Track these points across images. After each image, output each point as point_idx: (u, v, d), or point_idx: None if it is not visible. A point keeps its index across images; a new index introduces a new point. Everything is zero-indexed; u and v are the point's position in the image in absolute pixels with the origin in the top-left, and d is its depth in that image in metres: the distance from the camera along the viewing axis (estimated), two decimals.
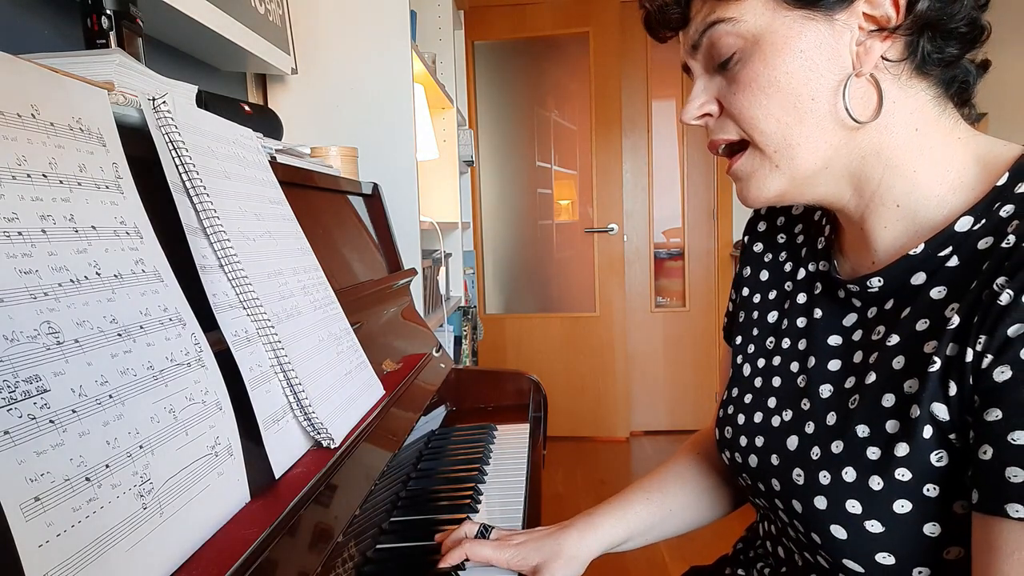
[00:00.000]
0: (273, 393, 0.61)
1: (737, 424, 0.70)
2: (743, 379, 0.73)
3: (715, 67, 0.59)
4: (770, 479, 0.64)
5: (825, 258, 0.67)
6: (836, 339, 0.64)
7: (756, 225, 0.78)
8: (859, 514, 0.55)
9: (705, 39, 0.58)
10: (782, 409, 0.66)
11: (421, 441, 1.11)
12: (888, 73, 0.55)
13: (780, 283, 0.73)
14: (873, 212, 0.60)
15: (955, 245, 0.55)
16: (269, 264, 0.68)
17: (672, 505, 0.81)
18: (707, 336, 3.52)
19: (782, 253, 0.74)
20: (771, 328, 0.72)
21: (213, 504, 0.49)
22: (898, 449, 0.53)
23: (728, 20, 0.56)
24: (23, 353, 0.37)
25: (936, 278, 0.55)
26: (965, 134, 0.58)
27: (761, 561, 0.74)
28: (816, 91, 0.55)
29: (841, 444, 0.57)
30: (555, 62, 3.45)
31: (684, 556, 0.83)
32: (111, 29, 0.75)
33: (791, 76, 0.55)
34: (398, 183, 1.60)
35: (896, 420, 0.54)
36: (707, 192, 3.48)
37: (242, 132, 0.75)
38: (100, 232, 0.46)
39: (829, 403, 0.61)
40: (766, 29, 0.55)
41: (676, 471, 0.84)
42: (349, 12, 1.60)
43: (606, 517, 0.77)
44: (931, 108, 0.57)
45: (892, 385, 0.55)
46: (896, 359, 0.56)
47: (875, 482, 0.54)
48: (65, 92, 0.48)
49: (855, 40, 0.55)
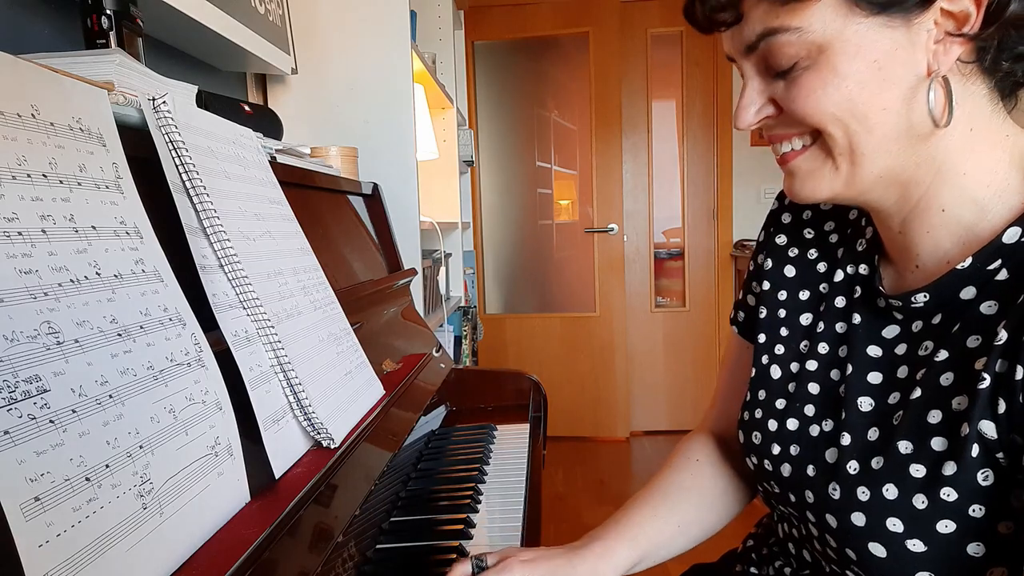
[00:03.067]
0: (273, 393, 0.61)
1: (767, 430, 0.67)
2: (772, 382, 0.69)
3: (773, 73, 0.55)
4: (803, 491, 0.62)
5: (866, 262, 0.65)
6: (876, 350, 0.61)
7: (780, 217, 0.75)
8: (900, 532, 0.53)
9: (763, 44, 0.53)
10: (821, 419, 0.63)
11: (421, 441, 1.11)
12: (958, 74, 0.53)
13: (813, 283, 0.70)
14: (916, 217, 0.57)
15: (1004, 257, 0.52)
16: (269, 264, 0.68)
17: (680, 519, 0.76)
18: (707, 336, 3.52)
19: (812, 251, 0.71)
20: (804, 330, 0.69)
21: (213, 504, 0.49)
22: (946, 468, 0.51)
23: (793, 30, 0.51)
24: (23, 353, 0.37)
25: (986, 292, 0.53)
26: (1012, 131, 0.56)
27: (779, 560, 0.72)
28: (888, 101, 0.52)
29: (882, 460, 0.56)
30: (555, 62, 3.45)
31: (685, 553, 0.83)
32: (111, 29, 0.75)
33: (863, 87, 0.52)
34: (398, 183, 1.60)
35: (943, 438, 0.52)
36: (707, 192, 3.48)
37: (242, 132, 0.75)
38: (100, 232, 0.46)
39: (870, 417, 0.59)
40: (836, 38, 0.51)
41: (678, 482, 0.80)
42: (349, 12, 1.60)
43: (619, 541, 0.72)
44: (985, 104, 0.54)
45: (940, 402, 0.53)
46: (944, 375, 0.54)
47: (919, 500, 0.52)
48: (65, 92, 0.48)
49: (932, 39, 0.51)
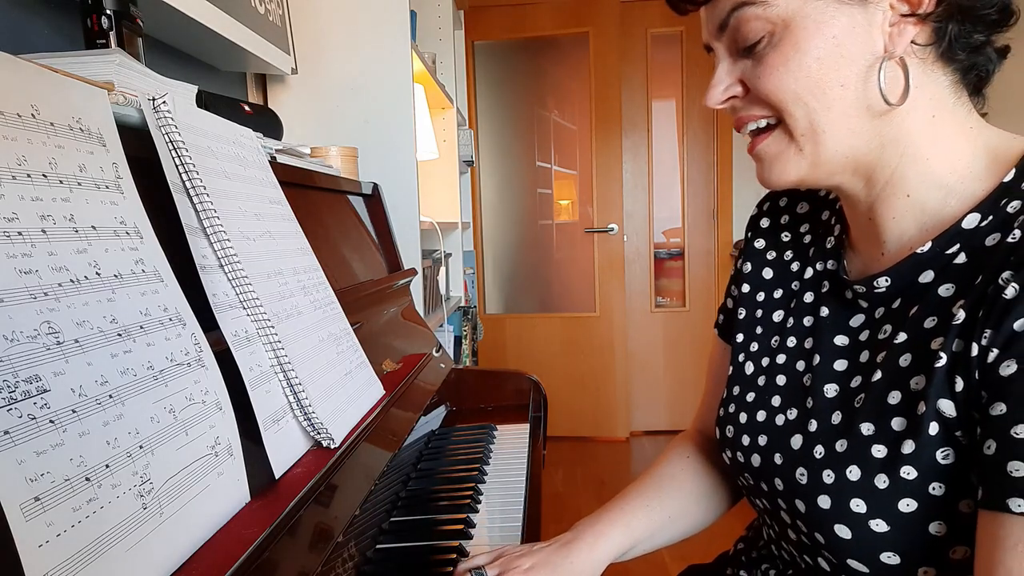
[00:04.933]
0: (273, 393, 0.61)
1: (739, 423, 0.69)
2: (745, 377, 0.72)
3: (741, 50, 0.58)
4: (773, 479, 0.64)
5: (834, 257, 0.67)
6: (842, 339, 0.63)
7: (759, 222, 0.77)
8: (864, 513, 0.54)
9: (733, 19, 0.57)
10: (786, 408, 0.65)
11: (421, 441, 1.11)
12: (915, 57, 0.55)
13: (786, 282, 0.72)
14: (883, 202, 0.59)
15: (962, 242, 0.54)
16: (269, 264, 0.68)
17: (671, 511, 0.79)
18: (707, 336, 3.51)
19: (787, 252, 0.73)
20: (776, 327, 0.71)
21: (213, 504, 0.49)
22: (904, 447, 0.52)
23: (759, 3, 0.55)
24: (23, 353, 0.37)
25: (944, 276, 0.55)
26: (976, 124, 0.57)
27: (766, 563, 0.74)
28: (846, 78, 0.54)
29: (846, 443, 0.57)
30: (555, 62, 3.45)
31: (683, 554, 0.83)
32: (111, 29, 0.75)
33: (822, 63, 0.54)
34: (398, 183, 1.60)
35: (903, 417, 0.53)
36: (707, 192, 3.48)
37: (242, 132, 0.75)
38: (100, 232, 0.46)
39: (834, 402, 0.61)
40: (797, 13, 0.54)
41: (670, 474, 0.82)
42: (349, 12, 1.60)
43: (611, 526, 0.75)
44: (948, 95, 0.56)
45: (899, 383, 0.55)
46: (903, 357, 0.55)
47: (881, 480, 0.53)
48: (65, 92, 0.48)
49: (888, 21, 0.54)
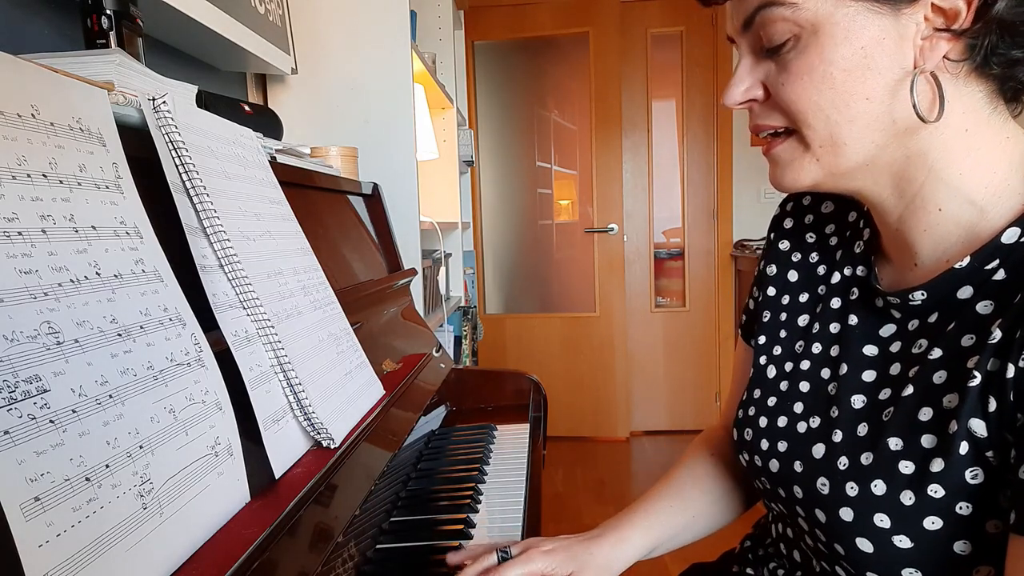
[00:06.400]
0: (273, 393, 0.61)
1: (758, 426, 0.68)
2: (767, 381, 0.70)
3: (765, 51, 0.56)
4: (792, 486, 0.63)
5: (864, 263, 0.65)
6: (872, 349, 0.62)
7: (782, 222, 0.75)
8: (887, 528, 0.53)
9: (759, 18, 0.54)
10: (809, 415, 0.64)
11: (421, 441, 1.11)
12: (947, 72, 0.52)
13: (812, 286, 0.70)
14: (912, 214, 0.57)
15: (1002, 258, 0.52)
16: (269, 264, 0.68)
17: (694, 511, 0.79)
18: (707, 336, 3.52)
19: (813, 254, 0.72)
20: (801, 331, 0.69)
21: (213, 504, 0.49)
22: (933, 465, 0.51)
23: (787, 4, 0.52)
24: (23, 353, 0.37)
25: (983, 292, 0.53)
26: (1013, 133, 0.55)
27: (773, 561, 0.73)
28: (872, 91, 0.52)
29: (871, 456, 0.56)
30: (555, 62, 3.45)
31: (683, 554, 0.83)
32: (111, 29, 0.75)
33: (848, 74, 0.52)
34: (398, 183, 1.60)
35: (933, 435, 0.52)
36: (707, 192, 3.48)
37: (242, 132, 0.75)
38: (100, 232, 0.46)
39: (860, 414, 0.59)
40: (827, 20, 0.52)
41: (693, 475, 0.81)
42: (349, 12, 1.60)
43: (635, 528, 0.75)
44: (983, 107, 0.54)
45: (931, 399, 0.53)
46: (938, 373, 0.53)
47: (907, 497, 0.52)
48: (65, 92, 0.48)
49: (920, 34, 0.51)
